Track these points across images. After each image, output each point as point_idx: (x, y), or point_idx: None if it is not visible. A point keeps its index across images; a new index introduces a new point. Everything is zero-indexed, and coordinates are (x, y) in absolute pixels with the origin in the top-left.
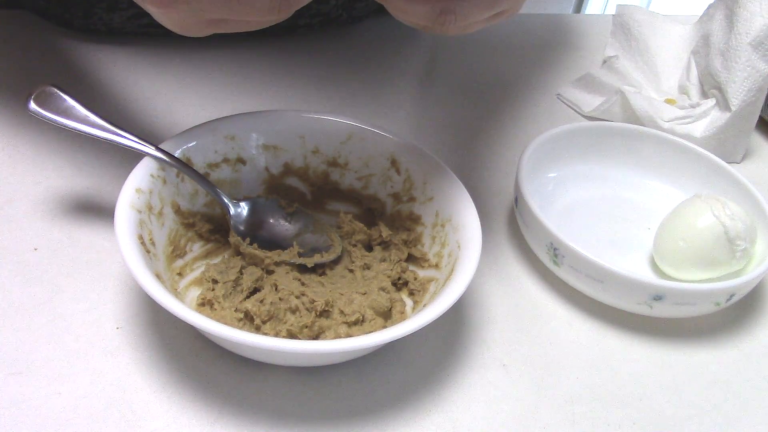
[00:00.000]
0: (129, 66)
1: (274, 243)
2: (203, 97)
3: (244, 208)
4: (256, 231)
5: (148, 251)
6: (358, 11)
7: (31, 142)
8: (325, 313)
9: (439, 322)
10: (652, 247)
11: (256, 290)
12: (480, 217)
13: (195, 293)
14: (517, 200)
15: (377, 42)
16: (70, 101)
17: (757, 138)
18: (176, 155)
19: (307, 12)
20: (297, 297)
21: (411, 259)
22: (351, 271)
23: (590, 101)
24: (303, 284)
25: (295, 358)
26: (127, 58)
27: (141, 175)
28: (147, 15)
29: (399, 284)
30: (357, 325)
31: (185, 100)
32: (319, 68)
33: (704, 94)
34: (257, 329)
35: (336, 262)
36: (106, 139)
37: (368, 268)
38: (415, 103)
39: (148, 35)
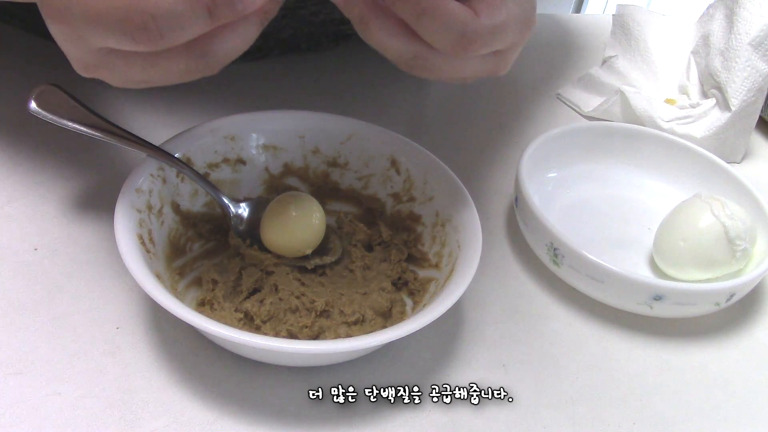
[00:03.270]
0: None
1: None
2: (203, 97)
3: (244, 209)
4: (256, 232)
5: (148, 251)
6: (346, 31)
7: (31, 142)
8: (325, 313)
9: (439, 322)
10: (652, 247)
11: (255, 291)
12: (480, 217)
13: (195, 293)
14: (517, 200)
15: None
16: (71, 101)
17: (757, 138)
18: (176, 155)
19: (305, 42)
20: (297, 297)
21: (411, 259)
22: (351, 271)
23: (590, 101)
24: (303, 284)
25: (295, 358)
26: None
27: (141, 175)
28: None
29: (399, 284)
30: (357, 325)
31: (185, 100)
32: (319, 69)
33: (704, 94)
34: (257, 329)
35: (336, 262)
36: (106, 139)
37: (368, 269)
38: (415, 103)
39: None
